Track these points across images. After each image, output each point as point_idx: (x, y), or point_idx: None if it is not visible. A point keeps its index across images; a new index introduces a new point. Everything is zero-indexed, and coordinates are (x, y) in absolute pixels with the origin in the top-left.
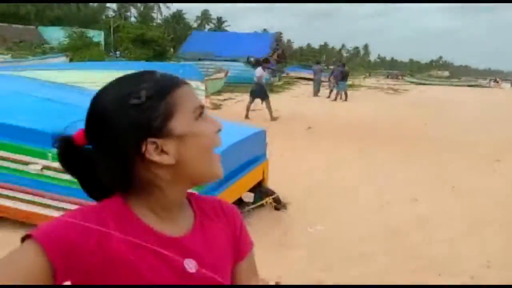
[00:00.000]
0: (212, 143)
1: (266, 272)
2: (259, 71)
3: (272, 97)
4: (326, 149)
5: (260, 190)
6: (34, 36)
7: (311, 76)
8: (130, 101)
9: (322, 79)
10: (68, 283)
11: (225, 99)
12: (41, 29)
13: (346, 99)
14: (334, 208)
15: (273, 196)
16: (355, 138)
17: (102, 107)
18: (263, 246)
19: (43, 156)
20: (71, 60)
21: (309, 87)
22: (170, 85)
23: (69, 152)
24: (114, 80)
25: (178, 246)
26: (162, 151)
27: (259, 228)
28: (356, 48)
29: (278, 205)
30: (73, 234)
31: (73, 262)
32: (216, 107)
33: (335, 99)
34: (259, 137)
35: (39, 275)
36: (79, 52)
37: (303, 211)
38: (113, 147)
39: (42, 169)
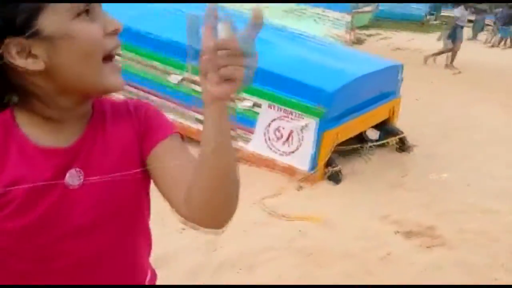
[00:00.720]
0: (96, 48)
1: (378, 208)
2: (459, 11)
3: (424, 37)
4: (470, 99)
5: (386, 128)
6: None
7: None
8: None
9: (487, 22)
10: None
11: (370, 35)
12: None
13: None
14: (464, 159)
15: (399, 136)
16: (508, 91)
17: None
18: (379, 184)
19: (183, 68)
20: None
21: (468, 29)
22: None
23: None
24: None
25: (61, 157)
26: (30, 55)
27: (379, 167)
28: None
29: (403, 146)
30: None
31: None
32: (359, 41)
33: (498, 45)
34: (392, 72)
35: None
36: None
37: (428, 157)
38: None
39: (181, 80)
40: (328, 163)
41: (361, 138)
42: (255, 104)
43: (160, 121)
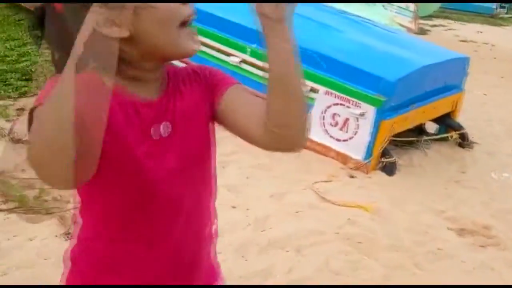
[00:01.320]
0: (174, 15)
1: (432, 203)
2: None
3: (494, 30)
4: None
5: (446, 122)
6: None
7: None
8: None
9: None
10: None
11: (434, 25)
12: None
13: None
14: None
15: (459, 132)
16: None
17: None
18: (435, 179)
19: (243, 50)
20: None
21: None
22: None
23: (48, 16)
24: None
25: (153, 109)
26: (114, 23)
27: (436, 162)
28: None
29: (464, 142)
30: None
31: None
32: (423, 32)
33: None
34: (459, 65)
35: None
36: None
37: (490, 154)
38: (73, 12)
39: (240, 62)
40: (383, 154)
41: (420, 130)
42: (312, 89)
43: (223, 75)
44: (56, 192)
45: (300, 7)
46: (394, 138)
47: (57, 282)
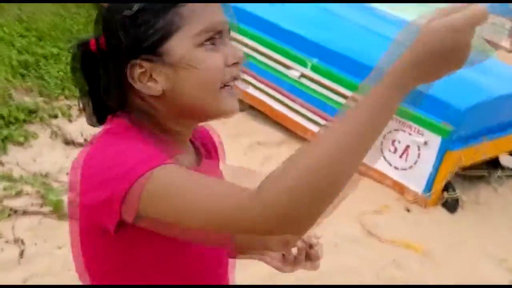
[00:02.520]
0: (216, 78)
1: (495, 249)
2: None
3: None
4: None
5: None
6: None
7: None
8: (124, 12)
9: None
10: None
11: None
12: None
13: None
14: None
15: None
16: None
17: (106, 14)
18: (501, 221)
19: (303, 64)
20: None
21: None
22: None
23: (85, 55)
24: None
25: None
26: (151, 78)
27: (506, 201)
28: None
29: None
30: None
31: None
32: None
33: None
34: None
35: None
36: None
37: None
38: (109, 59)
39: (300, 76)
40: (446, 188)
41: (494, 163)
42: None
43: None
44: None
45: (372, 23)
46: (461, 171)
47: None
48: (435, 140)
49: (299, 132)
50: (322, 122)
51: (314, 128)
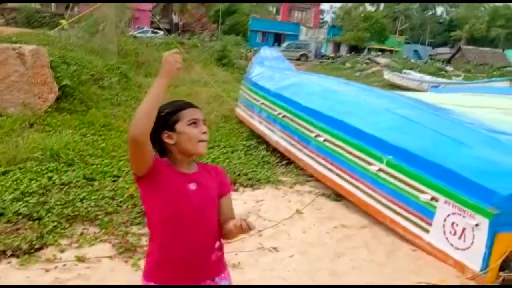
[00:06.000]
0: (195, 138)
1: None
2: None
3: None
4: None
5: None
6: (499, 59)
7: None
8: (161, 113)
9: None
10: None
11: None
12: (508, 52)
13: None
14: None
15: None
16: None
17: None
18: None
19: (380, 160)
20: None
21: None
22: (180, 108)
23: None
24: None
25: (188, 176)
26: (170, 137)
27: None
28: None
29: None
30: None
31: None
32: None
33: None
34: None
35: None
36: None
37: None
38: (155, 133)
39: (378, 170)
40: (503, 267)
41: None
42: (433, 198)
43: (227, 179)
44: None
45: (442, 126)
46: None
47: None
48: (484, 223)
49: (379, 218)
50: (398, 210)
51: (392, 215)
